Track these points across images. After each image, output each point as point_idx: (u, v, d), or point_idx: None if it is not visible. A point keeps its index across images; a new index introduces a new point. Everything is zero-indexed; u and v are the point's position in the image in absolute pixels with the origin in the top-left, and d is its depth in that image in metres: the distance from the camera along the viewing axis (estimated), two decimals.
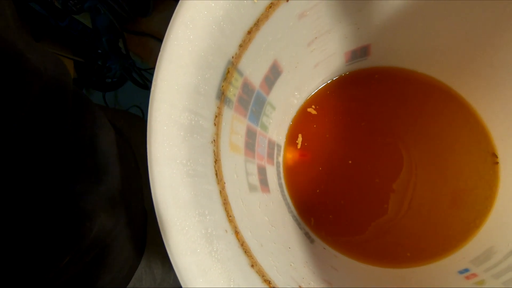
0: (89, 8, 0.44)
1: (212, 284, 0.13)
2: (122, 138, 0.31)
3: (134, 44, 0.49)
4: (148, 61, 0.50)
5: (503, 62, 0.25)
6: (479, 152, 0.31)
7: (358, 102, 0.35)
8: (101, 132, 0.25)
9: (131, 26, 0.49)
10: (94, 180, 0.22)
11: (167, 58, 0.15)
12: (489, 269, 0.23)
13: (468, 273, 0.25)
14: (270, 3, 0.20)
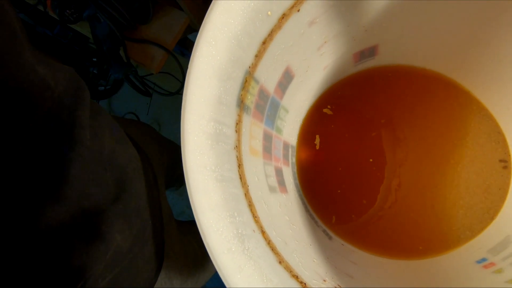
0: (88, 17, 0.44)
1: (249, 280, 0.15)
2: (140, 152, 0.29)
3: (135, 51, 0.49)
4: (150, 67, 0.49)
5: (508, 56, 0.26)
6: (490, 143, 0.31)
7: (371, 100, 0.36)
8: (120, 146, 0.24)
9: (131, 34, 0.49)
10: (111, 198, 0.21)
11: (194, 74, 0.17)
12: (506, 258, 0.24)
13: (486, 263, 0.25)
14: (282, 14, 0.21)
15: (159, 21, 0.48)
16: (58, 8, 0.42)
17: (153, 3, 0.47)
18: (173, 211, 0.39)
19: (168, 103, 0.80)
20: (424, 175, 0.33)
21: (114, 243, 0.21)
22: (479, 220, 0.31)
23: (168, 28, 0.48)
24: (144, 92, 0.54)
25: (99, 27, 0.43)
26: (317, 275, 0.20)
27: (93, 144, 0.21)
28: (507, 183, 0.30)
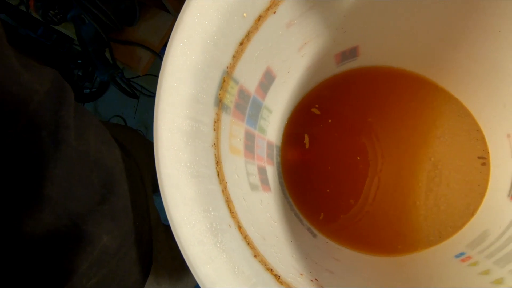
0: (72, 18, 0.43)
1: (218, 270, 0.15)
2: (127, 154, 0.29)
3: (121, 53, 0.49)
4: (137, 69, 0.49)
5: (481, 55, 0.27)
6: (469, 141, 0.32)
7: (355, 100, 0.36)
8: (106, 148, 0.24)
9: (118, 35, 0.48)
10: (98, 199, 0.21)
11: (167, 72, 0.17)
12: (482, 251, 0.25)
13: (463, 256, 0.26)
14: (258, 16, 0.22)
15: (145, 23, 0.49)
16: (41, 9, 0.41)
17: (140, 5, 0.47)
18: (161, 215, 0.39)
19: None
20: (406, 172, 0.34)
21: (101, 243, 0.21)
22: (460, 216, 0.31)
23: (155, 30, 0.49)
24: (130, 94, 0.54)
25: (84, 28, 0.43)
26: (294, 269, 0.21)
27: (79, 145, 0.21)
28: (486, 179, 0.31)
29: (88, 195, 0.21)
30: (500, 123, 0.29)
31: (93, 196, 0.21)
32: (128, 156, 0.28)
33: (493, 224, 0.27)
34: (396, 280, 0.27)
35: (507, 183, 0.28)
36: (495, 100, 0.28)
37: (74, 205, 0.19)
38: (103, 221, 0.21)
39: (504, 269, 0.20)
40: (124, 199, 0.24)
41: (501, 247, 0.23)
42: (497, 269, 0.21)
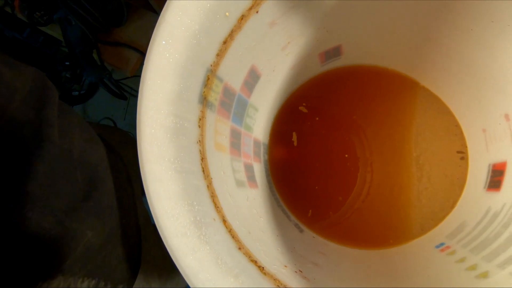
0: (59, 19, 0.43)
1: (201, 261, 0.15)
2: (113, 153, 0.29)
3: (109, 54, 0.49)
4: (125, 70, 0.49)
5: (458, 54, 0.28)
6: (448, 136, 0.33)
7: (340, 99, 0.37)
8: (90, 146, 0.24)
9: (105, 37, 0.48)
10: (81, 196, 0.22)
11: (150, 69, 0.18)
12: (460, 241, 0.26)
13: (443, 246, 0.27)
14: (241, 15, 0.23)
15: (133, 24, 0.49)
16: (27, 10, 0.41)
17: (127, 6, 0.47)
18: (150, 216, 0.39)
19: None
20: (391, 169, 0.35)
21: (85, 239, 0.21)
22: (441, 208, 0.32)
23: (143, 31, 0.49)
24: (119, 96, 0.54)
25: (70, 29, 0.43)
26: (279, 261, 0.21)
27: (63, 143, 0.21)
28: (465, 173, 0.32)
29: (72, 192, 0.21)
30: (476, 118, 0.30)
31: (77, 193, 0.21)
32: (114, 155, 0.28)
33: (470, 215, 0.28)
34: (379, 272, 0.28)
35: (483, 175, 0.29)
36: (471, 97, 0.30)
37: (57, 202, 0.19)
38: (87, 218, 0.21)
39: (478, 256, 0.21)
40: (109, 196, 0.24)
41: (476, 236, 0.24)
42: (472, 257, 0.22)
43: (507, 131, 0.26)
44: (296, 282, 0.20)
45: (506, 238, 0.21)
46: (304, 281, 0.21)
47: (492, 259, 0.20)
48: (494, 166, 0.27)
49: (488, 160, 0.28)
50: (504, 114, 0.26)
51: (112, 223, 0.24)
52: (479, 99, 0.29)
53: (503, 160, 0.26)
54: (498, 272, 0.19)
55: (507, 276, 0.18)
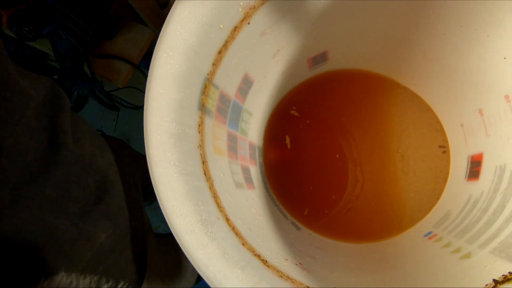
0: (48, 34, 0.43)
1: (210, 255, 0.17)
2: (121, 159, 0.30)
3: (100, 66, 0.49)
4: (116, 82, 0.50)
5: (436, 56, 0.30)
6: (430, 132, 0.36)
7: (328, 102, 0.39)
8: (100, 151, 0.25)
9: (96, 49, 0.49)
10: (93, 199, 0.22)
11: (154, 80, 0.19)
12: (445, 228, 0.28)
13: (431, 235, 0.29)
14: (234, 27, 0.24)
15: (123, 36, 0.50)
16: (15, 25, 0.41)
17: (117, 19, 0.48)
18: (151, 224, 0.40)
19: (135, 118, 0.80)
20: (379, 166, 0.37)
21: (99, 241, 0.22)
22: (427, 200, 0.34)
23: (133, 43, 0.50)
24: (111, 107, 0.54)
25: (61, 44, 0.43)
26: (280, 255, 0.23)
27: (76, 148, 0.22)
28: (447, 166, 0.35)
29: (84, 196, 0.21)
30: (454, 114, 0.33)
31: (89, 197, 0.22)
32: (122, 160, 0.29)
33: (454, 204, 0.30)
34: (373, 262, 0.30)
35: (463, 166, 0.31)
36: (448, 95, 0.32)
37: (71, 205, 0.20)
38: (99, 220, 0.22)
39: (461, 240, 0.23)
40: (119, 198, 0.25)
41: (460, 223, 0.26)
42: (456, 241, 0.24)
43: (482, 125, 0.28)
44: (297, 273, 0.21)
45: (485, 222, 0.23)
46: (305, 272, 0.22)
47: (474, 241, 0.22)
48: (473, 157, 0.30)
49: (467, 152, 0.31)
50: (478, 109, 0.28)
51: (122, 225, 0.25)
52: (455, 96, 0.31)
53: (480, 151, 0.29)
54: (479, 252, 0.20)
55: (486, 255, 0.20)
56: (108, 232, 0.22)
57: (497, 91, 0.25)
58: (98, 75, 0.50)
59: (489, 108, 0.26)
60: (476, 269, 0.19)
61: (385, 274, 0.24)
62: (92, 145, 0.24)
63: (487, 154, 0.27)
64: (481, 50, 0.24)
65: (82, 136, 0.23)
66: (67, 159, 0.20)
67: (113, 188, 0.25)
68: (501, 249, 0.19)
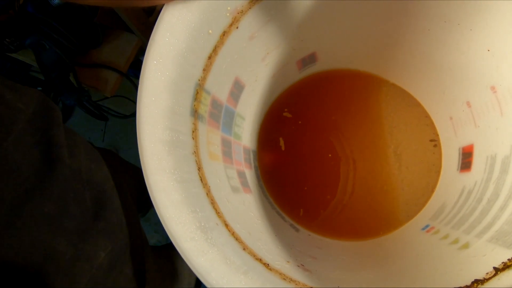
0: (31, 45, 0.42)
1: (212, 261, 0.16)
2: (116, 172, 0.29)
3: (87, 76, 0.48)
4: (104, 91, 0.49)
5: (422, 53, 0.31)
6: (420, 127, 0.36)
7: (319, 102, 0.39)
8: (96, 165, 0.24)
9: (82, 59, 0.48)
10: (91, 216, 0.22)
11: (145, 88, 0.19)
12: (442, 220, 0.28)
13: (428, 228, 0.29)
14: (223, 32, 0.24)
15: (110, 44, 0.49)
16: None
17: (102, 27, 0.48)
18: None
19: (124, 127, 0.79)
20: (372, 163, 0.37)
21: (98, 260, 0.21)
22: (422, 194, 0.35)
23: (120, 51, 0.49)
24: (99, 117, 0.53)
25: (45, 54, 0.42)
26: (281, 258, 0.23)
27: (72, 163, 0.21)
28: (439, 159, 0.35)
29: (81, 212, 0.21)
30: (443, 108, 0.33)
31: (86, 213, 0.21)
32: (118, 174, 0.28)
33: (449, 196, 0.30)
34: (374, 260, 0.30)
35: (455, 158, 0.32)
36: (436, 89, 0.33)
37: (69, 223, 0.19)
38: (98, 238, 0.21)
39: (459, 231, 0.24)
40: (117, 215, 0.24)
41: (456, 214, 0.26)
42: (454, 232, 0.24)
43: (470, 116, 0.29)
44: (300, 275, 0.21)
45: (480, 211, 0.23)
46: (307, 273, 0.22)
47: (471, 231, 0.22)
48: (464, 149, 0.30)
49: (458, 144, 0.31)
50: (466, 102, 0.29)
51: (121, 242, 0.24)
52: (443, 90, 0.32)
53: (470, 143, 0.29)
54: (476, 242, 0.21)
55: (484, 243, 0.20)
56: (107, 250, 0.22)
57: (483, 83, 0.25)
58: (85, 85, 0.49)
59: (476, 100, 0.27)
60: (476, 258, 0.19)
61: (385, 270, 0.24)
62: (87, 159, 0.24)
63: (478, 145, 0.28)
64: (465, 43, 0.25)
65: (77, 149, 0.22)
66: (64, 175, 0.20)
67: (111, 204, 0.24)
68: (498, 237, 0.19)
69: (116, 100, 0.66)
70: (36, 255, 0.17)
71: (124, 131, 0.78)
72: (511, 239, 0.18)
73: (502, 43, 0.22)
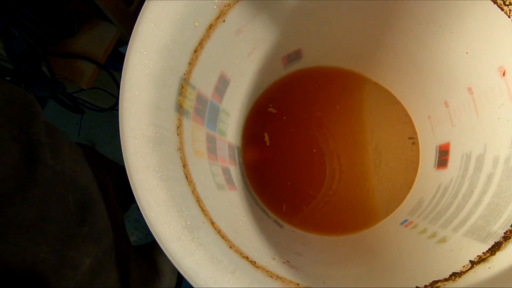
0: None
1: (199, 262, 0.16)
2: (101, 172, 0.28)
3: (61, 67, 0.46)
4: (80, 83, 0.46)
5: (403, 53, 0.32)
6: (400, 125, 0.37)
7: (303, 98, 0.40)
8: (79, 166, 0.23)
9: (55, 48, 0.45)
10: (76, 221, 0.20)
11: (128, 82, 0.18)
12: (420, 215, 0.29)
13: (407, 222, 0.30)
14: (209, 25, 0.24)
15: (86, 34, 0.46)
16: None
17: (78, 15, 0.45)
18: None
19: (101, 120, 0.75)
20: (354, 159, 0.38)
21: (83, 267, 0.20)
22: (400, 189, 0.36)
23: (98, 41, 0.47)
24: (75, 109, 0.50)
25: (14, 43, 0.39)
26: (267, 255, 0.23)
27: (55, 164, 0.20)
28: (417, 156, 0.37)
29: (65, 217, 0.19)
30: (422, 107, 0.34)
31: (70, 218, 0.20)
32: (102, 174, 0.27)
33: (426, 192, 0.32)
34: (357, 254, 0.31)
35: (432, 156, 0.33)
36: (416, 89, 0.34)
37: (52, 229, 0.18)
38: (84, 244, 0.20)
39: (436, 225, 0.25)
40: (103, 218, 0.23)
41: (432, 209, 0.27)
42: (431, 227, 0.25)
43: (447, 116, 0.30)
44: (286, 272, 0.21)
45: (456, 207, 0.24)
46: (293, 270, 0.22)
47: (447, 226, 0.23)
48: (440, 147, 0.32)
49: (435, 142, 0.33)
50: (444, 102, 0.30)
51: (106, 246, 0.23)
52: (422, 90, 0.33)
53: (447, 141, 0.31)
54: (453, 236, 0.22)
55: (460, 238, 0.21)
56: (92, 256, 0.21)
57: (460, 84, 0.26)
58: (59, 76, 0.46)
59: (454, 100, 0.28)
60: (453, 252, 0.20)
61: (368, 264, 0.25)
62: (71, 160, 0.22)
63: (454, 143, 0.29)
64: (445, 45, 0.26)
65: (61, 149, 0.21)
66: (46, 176, 0.18)
67: (97, 208, 0.23)
68: (473, 231, 0.20)
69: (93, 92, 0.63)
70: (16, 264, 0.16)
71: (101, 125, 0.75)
72: (485, 233, 0.19)
73: (480, 47, 0.23)
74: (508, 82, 0.21)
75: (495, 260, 0.17)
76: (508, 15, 0.19)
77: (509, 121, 0.21)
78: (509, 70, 0.21)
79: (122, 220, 0.29)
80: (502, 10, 0.19)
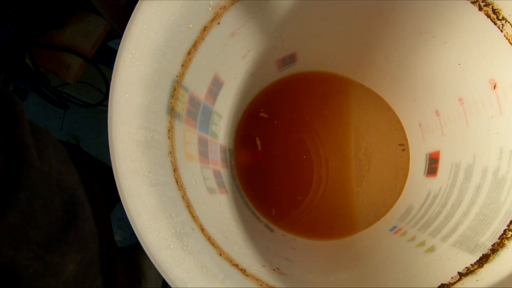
0: None
1: (188, 271, 0.16)
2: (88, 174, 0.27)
3: (46, 59, 0.44)
4: (66, 77, 0.44)
5: (395, 60, 0.32)
6: (390, 131, 0.38)
7: (296, 102, 0.40)
8: (66, 168, 0.22)
9: (40, 40, 0.43)
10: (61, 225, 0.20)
11: (118, 84, 0.17)
12: (409, 222, 0.29)
13: (396, 229, 0.31)
14: (204, 27, 0.23)
15: (74, 26, 0.45)
16: None
17: (66, 6, 0.44)
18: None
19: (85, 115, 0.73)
20: (343, 164, 0.38)
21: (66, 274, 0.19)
22: (389, 196, 0.36)
23: (86, 34, 0.45)
24: (59, 104, 0.48)
25: None
26: (257, 262, 0.22)
27: (42, 165, 0.19)
28: (407, 162, 0.37)
29: (50, 221, 0.19)
30: (413, 114, 0.35)
31: (55, 223, 0.19)
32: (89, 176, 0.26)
33: (415, 199, 0.32)
34: (346, 260, 0.31)
35: (422, 163, 0.33)
36: (407, 96, 0.34)
37: (35, 234, 0.17)
38: (68, 250, 0.19)
39: (425, 234, 0.25)
40: (90, 223, 0.22)
41: (422, 217, 0.28)
42: (420, 235, 0.26)
43: (438, 125, 0.30)
44: (276, 280, 0.21)
45: (445, 215, 0.25)
46: (283, 277, 0.22)
47: (436, 234, 0.24)
48: (430, 155, 0.32)
49: (425, 150, 0.33)
50: (435, 110, 0.30)
51: (92, 252, 0.22)
52: (414, 97, 0.33)
53: (437, 149, 0.31)
54: (442, 245, 0.22)
55: (449, 247, 0.21)
56: (76, 262, 0.20)
57: (452, 94, 0.27)
58: (43, 69, 0.45)
59: (444, 109, 0.29)
60: (441, 262, 0.20)
61: (358, 271, 0.25)
62: (57, 161, 0.21)
63: (444, 152, 0.30)
64: (438, 55, 0.26)
65: (46, 150, 0.20)
66: (32, 179, 0.18)
67: (84, 211, 0.22)
68: (461, 242, 0.20)
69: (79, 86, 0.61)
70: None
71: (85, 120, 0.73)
72: (473, 245, 0.19)
73: (472, 59, 0.23)
74: (499, 95, 0.21)
75: (483, 273, 0.17)
76: (500, 30, 0.20)
77: (499, 133, 0.22)
78: (500, 83, 0.21)
79: (109, 223, 0.28)
80: (495, 24, 0.19)
